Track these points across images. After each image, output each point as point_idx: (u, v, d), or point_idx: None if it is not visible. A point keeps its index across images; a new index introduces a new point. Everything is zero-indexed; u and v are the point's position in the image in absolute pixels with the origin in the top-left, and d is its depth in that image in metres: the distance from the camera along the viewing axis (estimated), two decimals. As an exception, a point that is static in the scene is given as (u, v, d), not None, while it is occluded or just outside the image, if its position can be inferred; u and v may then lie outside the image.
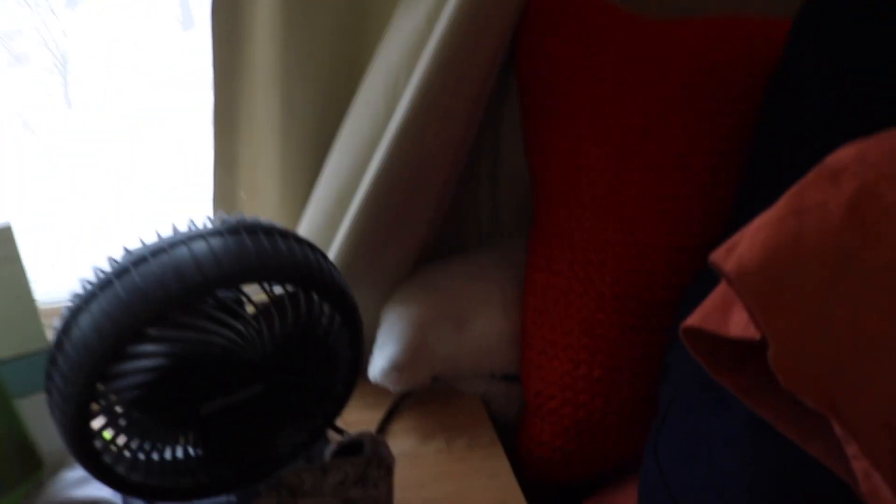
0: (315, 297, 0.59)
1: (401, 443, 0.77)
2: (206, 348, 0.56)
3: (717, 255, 0.49)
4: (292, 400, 0.62)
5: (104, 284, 0.55)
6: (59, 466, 0.70)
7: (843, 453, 0.44)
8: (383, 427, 0.79)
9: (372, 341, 0.80)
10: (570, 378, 0.76)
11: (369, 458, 0.60)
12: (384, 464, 0.61)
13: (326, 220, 0.79)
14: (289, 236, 0.59)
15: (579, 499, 0.79)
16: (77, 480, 0.69)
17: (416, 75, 0.71)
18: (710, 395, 0.60)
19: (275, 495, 0.59)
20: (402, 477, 0.72)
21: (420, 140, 0.73)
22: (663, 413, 0.65)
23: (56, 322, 0.56)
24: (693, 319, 0.52)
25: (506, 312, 0.82)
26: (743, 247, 0.48)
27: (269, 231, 0.58)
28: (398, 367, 0.76)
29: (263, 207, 0.86)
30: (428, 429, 0.79)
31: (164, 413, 0.57)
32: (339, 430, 0.75)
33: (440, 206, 0.83)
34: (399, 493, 0.70)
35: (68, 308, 0.56)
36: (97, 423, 0.56)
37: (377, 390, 0.80)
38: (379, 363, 0.76)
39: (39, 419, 0.69)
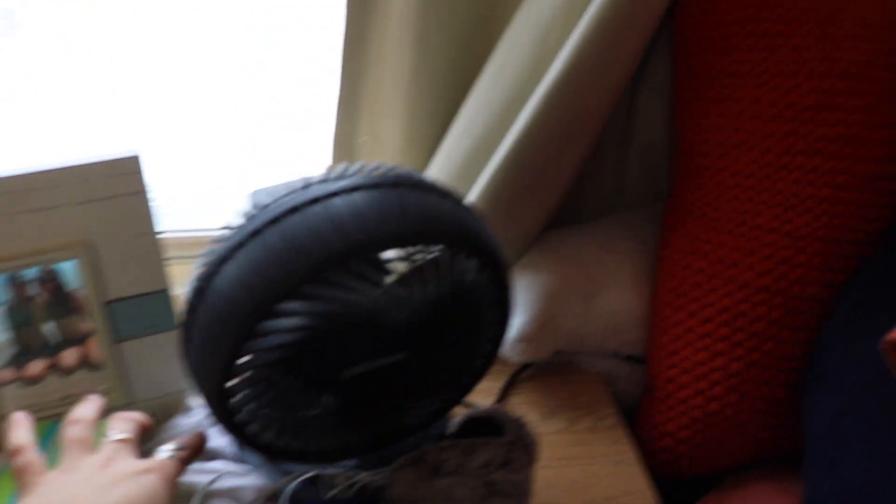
0: (472, 263, 0.54)
1: (522, 415, 0.73)
2: (355, 310, 0.52)
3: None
4: (432, 370, 0.58)
5: (252, 233, 0.51)
6: (170, 412, 0.68)
7: None
8: (501, 399, 0.76)
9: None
10: (706, 369, 0.71)
11: (514, 440, 0.56)
12: (528, 449, 0.57)
13: (459, 173, 0.74)
14: (449, 195, 0.54)
15: (696, 495, 0.74)
16: (192, 427, 0.66)
17: (580, 27, 0.65)
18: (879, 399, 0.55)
19: (414, 471, 0.56)
20: (521, 456, 0.69)
21: (575, 97, 0.68)
22: (829, 425, 0.60)
23: (197, 268, 0.53)
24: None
25: (636, 289, 0.77)
26: None
27: (430, 188, 0.53)
28: (525, 338, 0.72)
29: (385, 154, 0.81)
30: (549, 406, 0.75)
31: (305, 375, 0.54)
32: (464, 403, 0.71)
33: (579, 170, 0.78)
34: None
35: (210, 255, 0.52)
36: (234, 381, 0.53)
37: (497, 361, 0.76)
38: (505, 333, 0.72)
39: (153, 362, 0.67)
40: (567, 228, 0.83)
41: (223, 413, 0.53)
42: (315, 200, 0.51)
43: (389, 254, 0.55)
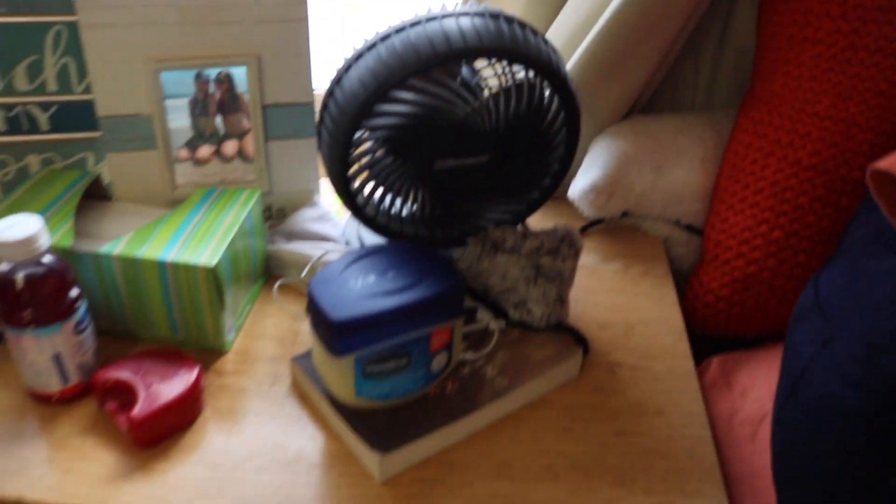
0: (548, 89, 0.67)
1: (584, 256, 0.86)
2: (450, 109, 0.66)
3: None
4: (508, 178, 0.72)
5: (382, 37, 0.66)
6: (299, 205, 0.85)
7: None
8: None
9: (578, 166, 0.89)
10: (750, 234, 0.81)
11: (563, 235, 0.69)
12: (574, 245, 0.70)
13: (570, 36, 0.86)
14: (538, 34, 0.67)
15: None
16: (314, 217, 0.83)
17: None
18: (882, 244, 0.64)
19: (479, 245, 0.70)
20: (581, 284, 0.82)
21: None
22: (831, 258, 0.69)
23: (330, 76, 0.69)
24: (883, 164, 0.56)
25: (704, 167, 0.87)
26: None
27: (522, 24, 0.67)
28: (597, 190, 0.84)
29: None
30: (610, 252, 0.87)
31: (407, 160, 0.69)
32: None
33: (665, 59, 0.89)
34: (576, 292, 0.80)
35: (340, 66, 0.68)
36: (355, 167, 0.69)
37: (572, 214, 0.88)
38: (580, 183, 0.85)
39: (291, 161, 0.83)
40: (653, 113, 0.94)
41: (345, 190, 0.69)
42: (432, 18, 0.65)
43: (486, 73, 0.69)
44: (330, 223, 0.83)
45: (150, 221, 0.74)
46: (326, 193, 0.90)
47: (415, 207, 0.73)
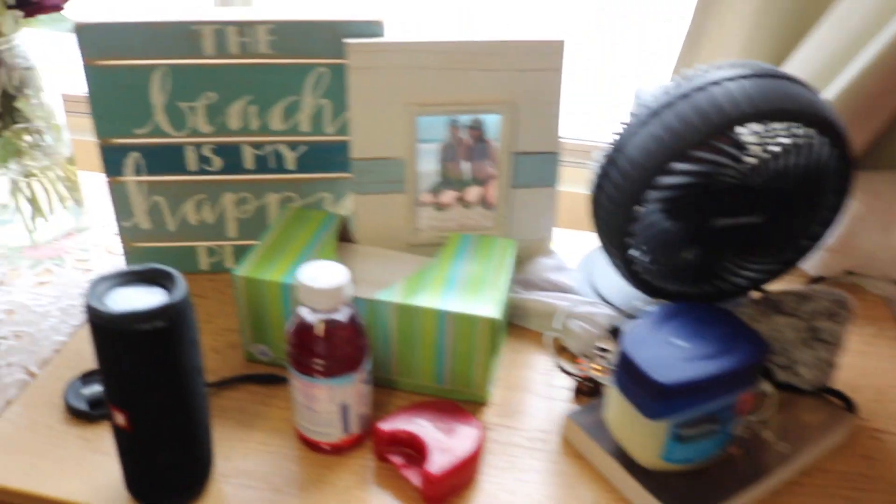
0: (826, 142, 0.66)
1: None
2: (728, 172, 0.66)
3: None
4: (777, 232, 0.71)
5: (652, 114, 0.66)
6: (534, 253, 0.84)
7: None
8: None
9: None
10: None
11: (838, 298, 0.68)
12: (849, 308, 0.69)
13: (818, 71, 0.84)
14: (806, 85, 0.66)
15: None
16: (552, 267, 0.82)
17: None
18: None
19: (755, 306, 0.69)
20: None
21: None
22: None
23: (610, 142, 0.69)
24: None
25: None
26: None
27: (792, 79, 0.66)
28: (828, 247, 0.83)
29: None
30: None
31: (683, 220, 0.68)
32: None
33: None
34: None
35: (618, 135, 0.68)
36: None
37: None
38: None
39: (532, 209, 0.83)
40: (872, 170, 0.93)
41: (620, 252, 0.69)
42: (700, 88, 0.65)
43: (761, 131, 0.68)
44: (567, 273, 0.82)
45: (404, 266, 0.74)
46: (558, 243, 0.89)
47: (680, 266, 0.72)
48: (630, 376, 0.60)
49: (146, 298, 0.54)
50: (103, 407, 0.69)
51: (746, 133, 0.67)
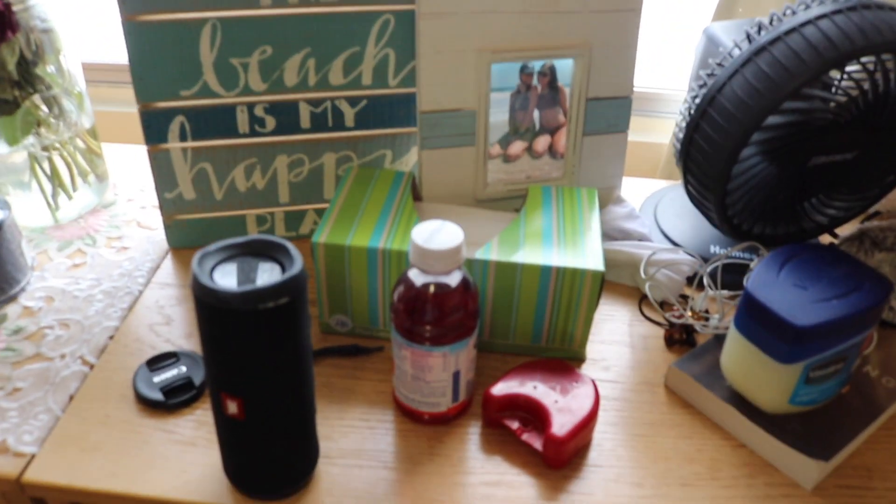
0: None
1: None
2: (826, 111, 0.64)
3: None
4: (864, 172, 0.70)
5: (755, 51, 0.63)
6: (604, 202, 0.81)
7: None
8: None
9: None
10: None
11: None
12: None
13: None
14: None
15: None
16: (624, 215, 0.80)
17: None
18: None
19: (856, 244, 0.68)
20: None
21: None
22: None
23: (699, 85, 0.66)
24: None
25: None
26: None
27: (882, 6, 0.64)
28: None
29: None
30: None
31: (779, 165, 0.67)
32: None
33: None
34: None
35: (713, 76, 0.65)
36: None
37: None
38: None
39: (602, 157, 0.80)
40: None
41: (721, 204, 0.66)
42: (805, 23, 0.63)
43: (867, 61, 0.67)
44: (639, 221, 0.79)
45: (483, 222, 0.70)
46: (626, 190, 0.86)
47: (776, 207, 0.71)
48: (760, 322, 0.58)
49: (260, 274, 0.49)
50: (180, 394, 0.64)
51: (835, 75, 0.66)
